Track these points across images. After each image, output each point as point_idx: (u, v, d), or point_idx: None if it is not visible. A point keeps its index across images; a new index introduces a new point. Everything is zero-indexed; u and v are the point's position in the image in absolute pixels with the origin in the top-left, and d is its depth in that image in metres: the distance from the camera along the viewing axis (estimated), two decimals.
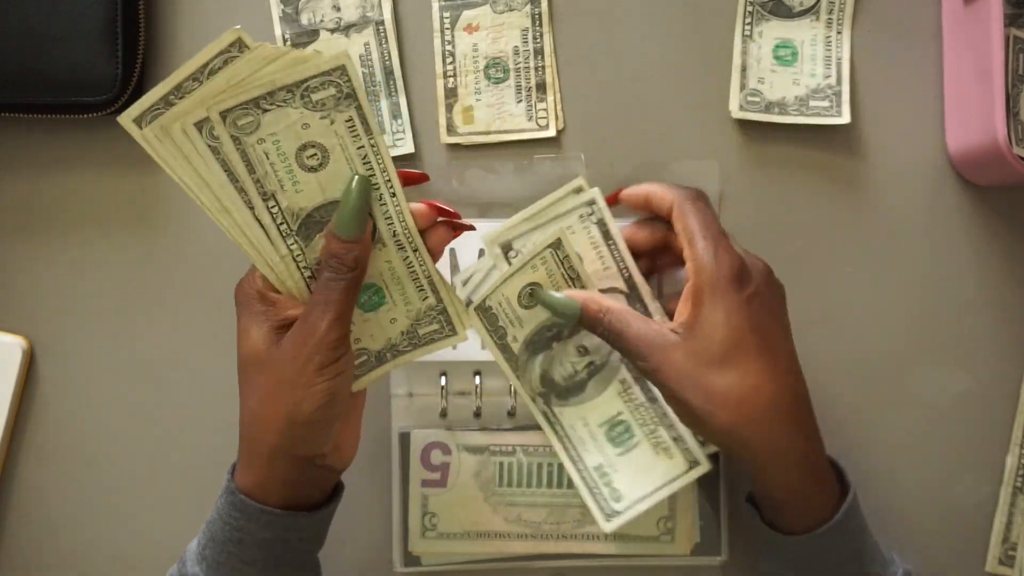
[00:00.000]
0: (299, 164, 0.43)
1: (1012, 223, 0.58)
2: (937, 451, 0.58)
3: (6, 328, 0.59)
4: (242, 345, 0.45)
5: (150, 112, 0.41)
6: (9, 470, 0.60)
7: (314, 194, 0.44)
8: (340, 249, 0.44)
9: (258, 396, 0.45)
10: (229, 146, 0.42)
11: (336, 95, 0.42)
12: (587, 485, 0.54)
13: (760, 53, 0.58)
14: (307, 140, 0.42)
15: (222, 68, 0.40)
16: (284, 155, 0.42)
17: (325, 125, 0.42)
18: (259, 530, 0.45)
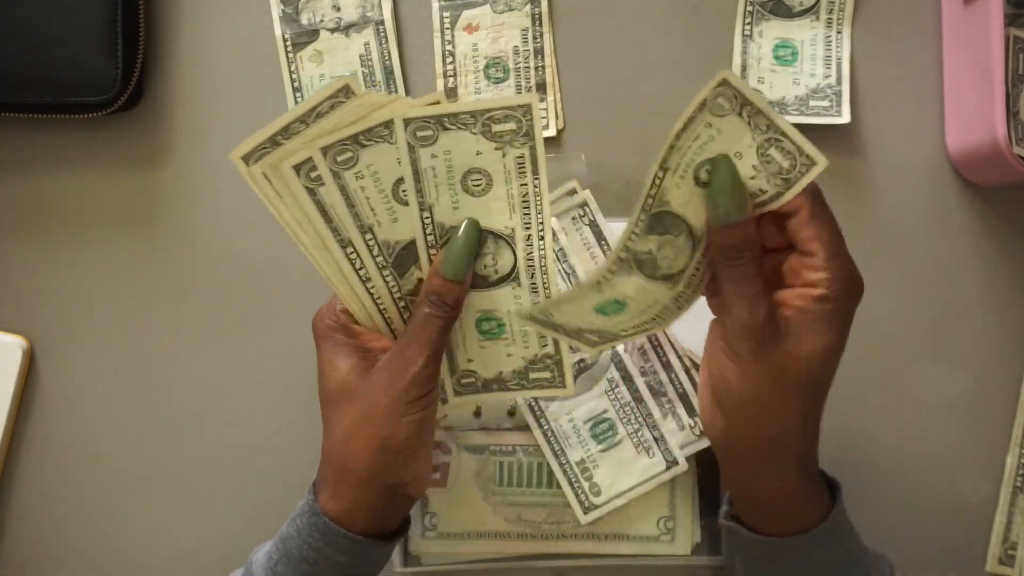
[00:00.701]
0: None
1: (1012, 223, 0.58)
2: (937, 451, 0.58)
3: (6, 328, 0.59)
4: (328, 376, 0.47)
5: (258, 151, 0.42)
6: (9, 470, 0.59)
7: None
8: (442, 288, 0.45)
9: (349, 425, 0.46)
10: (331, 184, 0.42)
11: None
12: (568, 479, 0.56)
13: (760, 53, 0.58)
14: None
15: (329, 112, 0.41)
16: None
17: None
18: (336, 554, 0.47)
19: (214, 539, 0.59)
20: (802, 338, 0.42)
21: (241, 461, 0.59)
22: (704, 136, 0.40)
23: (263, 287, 0.59)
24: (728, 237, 0.41)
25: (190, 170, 0.60)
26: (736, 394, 0.43)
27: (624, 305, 0.46)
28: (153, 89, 0.60)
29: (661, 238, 0.43)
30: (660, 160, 0.41)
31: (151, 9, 0.59)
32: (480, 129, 0.42)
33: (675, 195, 0.42)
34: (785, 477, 0.45)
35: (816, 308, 0.42)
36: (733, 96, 0.39)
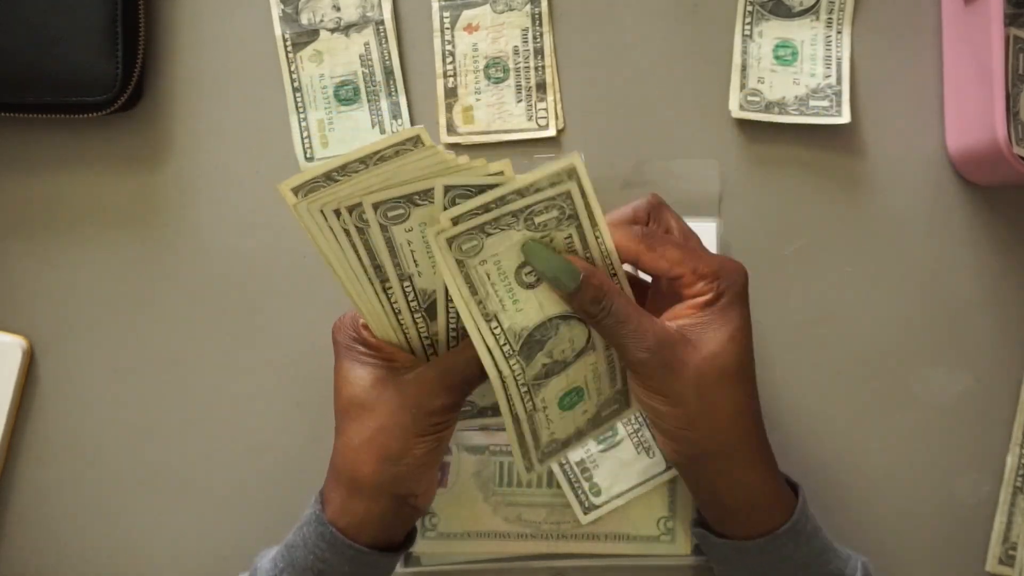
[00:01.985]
0: (518, 282, 0.43)
1: (1012, 223, 0.58)
2: (937, 451, 0.58)
3: (6, 328, 0.59)
4: (346, 385, 0.46)
5: (309, 184, 0.41)
6: (9, 470, 0.59)
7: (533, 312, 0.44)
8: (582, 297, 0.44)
9: (365, 435, 0.46)
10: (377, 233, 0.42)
11: (559, 217, 0.42)
12: (568, 479, 0.56)
13: (760, 53, 0.58)
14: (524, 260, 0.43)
15: (392, 159, 0.40)
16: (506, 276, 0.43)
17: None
18: (342, 564, 0.47)
19: (214, 539, 0.59)
20: (704, 339, 0.44)
21: (241, 461, 0.59)
22: (490, 270, 0.42)
23: (263, 287, 0.59)
24: (582, 300, 0.44)
25: (190, 170, 0.60)
26: (672, 419, 0.45)
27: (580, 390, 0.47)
28: (153, 89, 0.60)
29: (545, 348, 0.45)
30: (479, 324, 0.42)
31: (151, 9, 0.59)
32: (523, 226, 0.42)
33: (521, 317, 0.43)
34: (747, 477, 0.46)
35: (710, 311, 0.44)
36: (467, 234, 0.40)
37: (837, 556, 0.48)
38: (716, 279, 0.44)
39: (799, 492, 0.48)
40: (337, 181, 0.41)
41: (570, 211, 0.42)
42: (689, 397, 0.44)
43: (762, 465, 0.46)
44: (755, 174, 0.59)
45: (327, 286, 0.59)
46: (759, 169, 0.59)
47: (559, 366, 0.45)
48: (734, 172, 0.59)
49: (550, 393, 0.46)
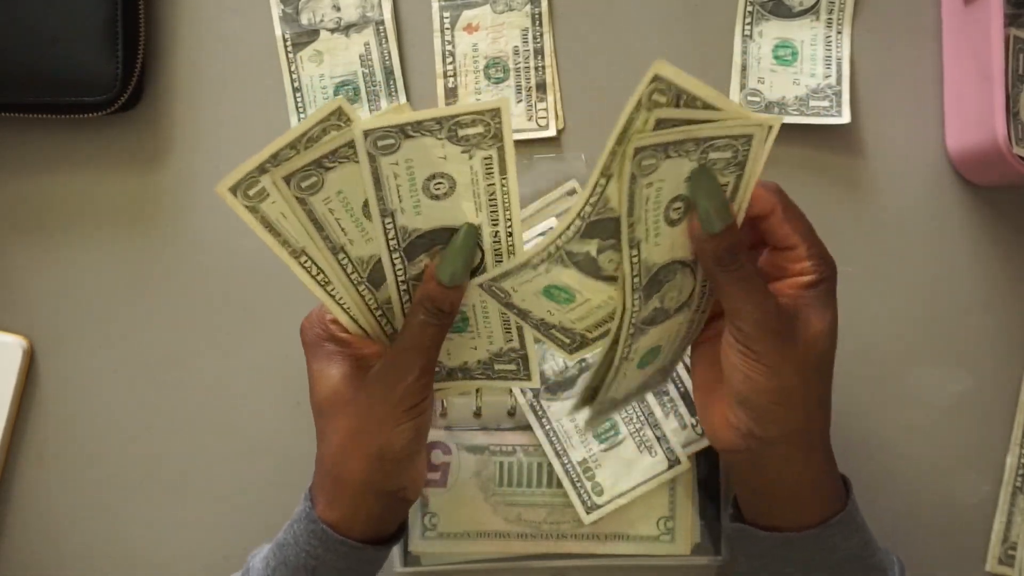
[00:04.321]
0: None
1: (1012, 223, 0.58)
2: (937, 451, 0.58)
3: (6, 328, 0.59)
4: (320, 385, 0.46)
5: (245, 180, 0.40)
6: (9, 470, 0.59)
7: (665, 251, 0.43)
8: (439, 294, 0.44)
9: (344, 434, 0.45)
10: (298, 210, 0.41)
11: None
12: (570, 478, 0.56)
13: (760, 53, 0.58)
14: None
15: (321, 137, 0.40)
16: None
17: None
18: (335, 560, 0.47)
19: (214, 539, 0.59)
20: (811, 321, 0.43)
21: (241, 461, 0.59)
22: (652, 195, 0.40)
23: (263, 287, 0.59)
24: (721, 244, 0.42)
25: (190, 170, 0.60)
26: (766, 391, 0.43)
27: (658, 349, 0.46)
28: (153, 89, 0.60)
29: (661, 291, 0.44)
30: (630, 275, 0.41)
31: (151, 9, 0.59)
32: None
33: (656, 253, 0.42)
34: (812, 466, 0.46)
35: (810, 294, 0.44)
36: (652, 151, 0.39)
37: (879, 550, 0.48)
38: (824, 264, 0.44)
39: (849, 483, 0.48)
40: (269, 171, 0.40)
41: (743, 157, 0.41)
42: (790, 372, 0.43)
43: (827, 453, 0.47)
44: None
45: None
46: None
47: (662, 315, 0.44)
48: None
49: (642, 345, 0.45)
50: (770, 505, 0.47)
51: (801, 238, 0.44)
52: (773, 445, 0.45)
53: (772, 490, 0.47)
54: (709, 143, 0.40)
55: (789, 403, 0.44)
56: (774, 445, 0.45)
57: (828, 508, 0.46)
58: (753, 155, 0.41)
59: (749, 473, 0.47)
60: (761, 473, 0.46)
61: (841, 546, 0.46)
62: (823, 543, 0.46)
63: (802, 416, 0.44)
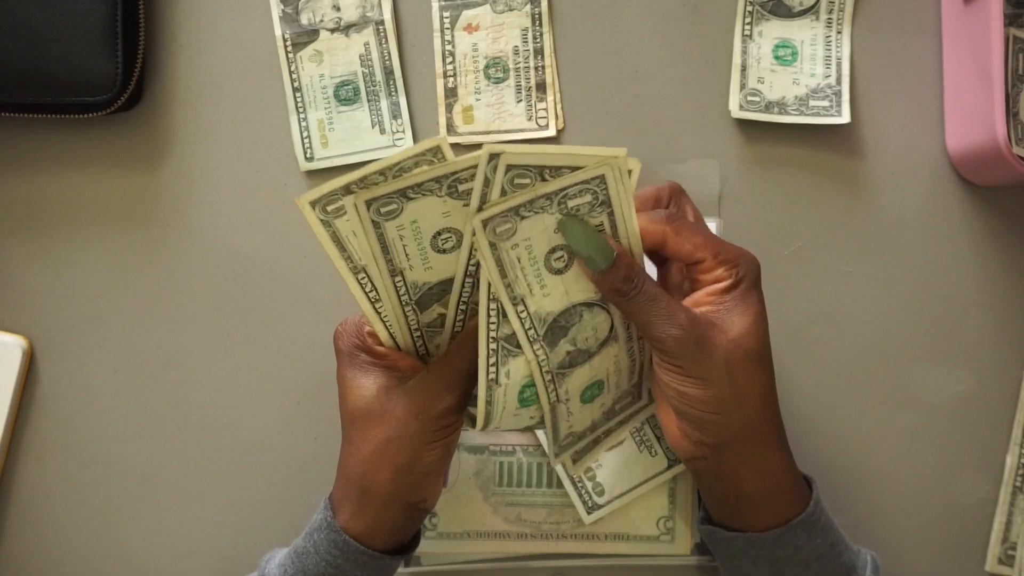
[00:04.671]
0: (547, 267, 0.43)
1: (1012, 223, 0.58)
2: (937, 451, 0.58)
3: (6, 328, 0.59)
4: (353, 394, 0.46)
5: (327, 197, 0.41)
6: (9, 470, 0.60)
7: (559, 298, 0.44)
8: (609, 279, 0.44)
9: (375, 445, 0.46)
10: (487, 250, 0.42)
11: (592, 202, 0.42)
12: (571, 479, 0.56)
13: (760, 53, 0.58)
14: (555, 244, 0.43)
15: (411, 168, 0.40)
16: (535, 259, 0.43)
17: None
18: (354, 569, 0.47)
19: (214, 539, 0.59)
20: (729, 323, 0.44)
21: (241, 460, 0.59)
22: (522, 254, 0.42)
23: (262, 287, 0.59)
24: (613, 279, 0.44)
25: (190, 170, 0.60)
26: (699, 401, 0.45)
27: (601, 383, 0.47)
28: (153, 89, 0.60)
29: (569, 335, 0.45)
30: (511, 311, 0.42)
31: (151, 9, 0.59)
32: (556, 208, 0.42)
33: (548, 302, 0.43)
34: (771, 463, 0.46)
35: (728, 297, 0.45)
36: (502, 217, 0.40)
37: (848, 549, 0.49)
38: (735, 266, 0.45)
39: (813, 483, 0.48)
40: (411, 199, 0.41)
41: (604, 197, 0.42)
42: (720, 378, 0.44)
43: (783, 451, 0.47)
44: (755, 174, 0.59)
45: (326, 285, 0.59)
46: (759, 169, 0.59)
47: (583, 356, 0.46)
48: (734, 172, 0.59)
49: (573, 385, 0.46)
50: (734, 508, 0.48)
51: (705, 251, 0.45)
52: (725, 449, 0.46)
53: (733, 493, 0.47)
54: (562, 194, 0.41)
55: (726, 408, 0.44)
56: (726, 448, 0.46)
57: (792, 508, 0.47)
58: (616, 190, 0.42)
59: (710, 478, 0.48)
60: (720, 477, 0.47)
61: (806, 546, 0.47)
62: (786, 543, 0.47)
63: (744, 416, 0.45)
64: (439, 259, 0.43)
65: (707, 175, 0.58)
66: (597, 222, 0.43)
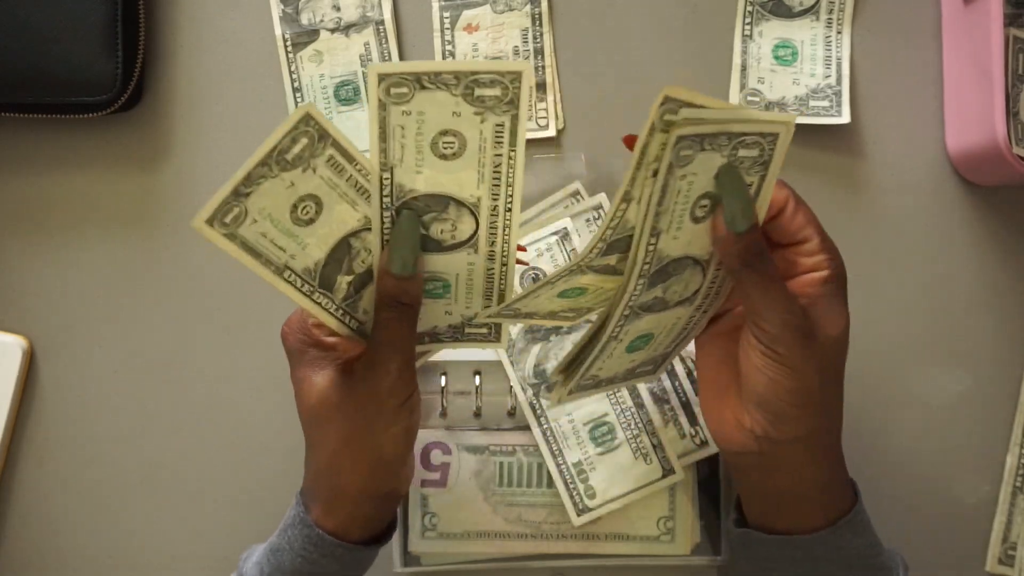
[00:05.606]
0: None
1: (1012, 223, 0.58)
2: (937, 451, 0.58)
3: (6, 328, 0.59)
4: (306, 393, 0.45)
5: (222, 208, 0.39)
6: (9, 470, 0.59)
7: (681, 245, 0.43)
8: (395, 288, 0.43)
9: (336, 442, 0.45)
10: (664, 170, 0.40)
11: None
12: (564, 479, 0.56)
13: (760, 53, 0.58)
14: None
15: (291, 148, 0.39)
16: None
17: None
18: (331, 563, 0.47)
19: (214, 539, 0.59)
20: (829, 321, 0.44)
21: (241, 461, 0.59)
22: (684, 187, 0.40)
23: (262, 287, 0.59)
24: (747, 244, 0.42)
25: (190, 170, 0.60)
26: (787, 392, 0.43)
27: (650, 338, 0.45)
28: (153, 89, 0.60)
29: (667, 282, 0.43)
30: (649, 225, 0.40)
31: (151, 9, 0.59)
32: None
33: (672, 245, 0.42)
34: (823, 468, 0.46)
35: (826, 290, 0.44)
36: (691, 141, 0.38)
37: (884, 550, 0.48)
38: (835, 258, 0.44)
39: (855, 484, 0.48)
40: (247, 194, 0.39)
41: (768, 156, 0.41)
42: (812, 372, 0.43)
43: (839, 453, 0.47)
44: None
45: None
46: None
47: (660, 304, 0.44)
48: None
49: (633, 329, 0.45)
50: (778, 508, 0.47)
51: (814, 230, 0.44)
52: (788, 447, 0.44)
53: (781, 493, 0.46)
54: (740, 139, 0.39)
55: (808, 404, 0.43)
56: (789, 447, 0.44)
57: (836, 509, 0.46)
58: (777, 154, 0.41)
59: (758, 476, 0.46)
60: (771, 476, 0.46)
61: (848, 546, 0.46)
62: (831, 544, 0.46)
63: (819, 417, 0.44)
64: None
65: None
66: (749, 181, 0.41)
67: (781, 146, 0.41)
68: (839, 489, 0.46)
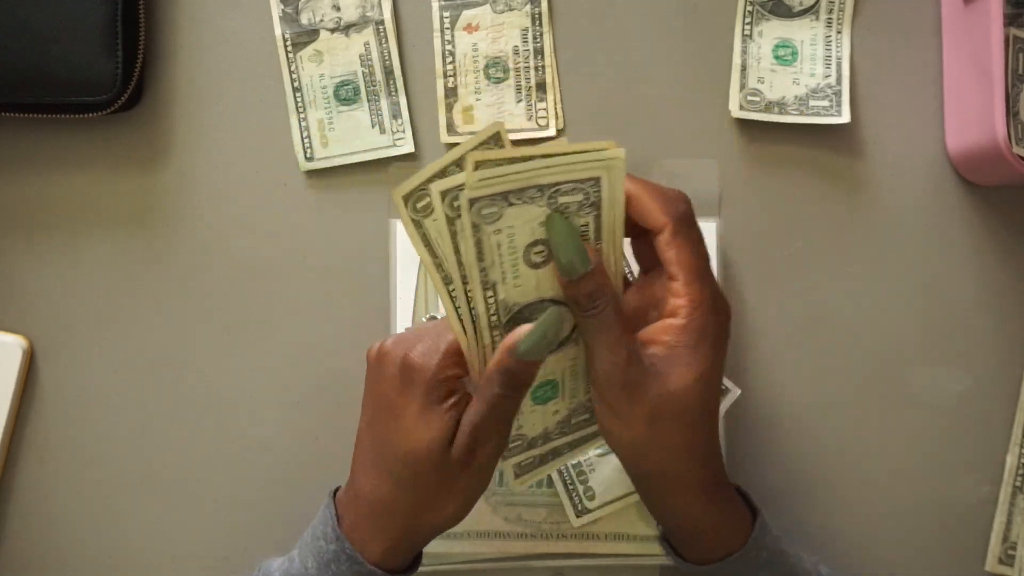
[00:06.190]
0: (525, 260, 0.41)
1: (1012, 223, 0.58)
2: (937, 451, 0.58)
3: (6, 328, 0.59)
4: (417, 434, 0.43)
5: (417, 191, 0.40)
6: (9, 470, 0.59)
7: (529, 291, 0.43)
8: (517, 368, 0.42)
9: (429, 495, 0.45)
10: (468, 230, 0.40)
11: (582, 202, 0.40)
12: (563, 480, 0.56)
13: (760, 53, 0.58)
14: (540, 237, 0.41)
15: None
16: (515, 249, 0.41)
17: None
18: None
19: (214, 539, 0.59)
20: (671, 374, 0.42)
21: (241, 461, 0.59)
22: (503, 240, 0.40)
23: (262, 287, 0.59)
24: (580, 289, 0.41)
25: (190, 170, 0.60)
26: (619, 441, 0.44)
27: (555, 384, 0.45)
28: (153, 89, 0.60)
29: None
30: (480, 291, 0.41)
31: (151, 9, 0.59)
32: (546, 202, 0.40)
33: (516, 293, 0.42)
34: (689, 507, 0.45)
35: (681, 340, 0.42)
36: (490, 200, 0.38)
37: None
38: (699, 308, 0.42)
39: (756, 521, 0.47)
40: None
41: (595, 199, 0.41)
42: (639, 424, 0.42)
43: (705, 497, 0.45)
44: (755, 174, 0.59)
45: (326, 285, 0.59)
46: (759, 169, 0.59)
47: None
48: (734, 172, 0.59)
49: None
50: (670, 533, 0.48)
51: (681, 268, 0.42)
52: (645, 483, 0.45)
53: (664, 521, 0.47)
54: (554, 188, 0.39)
55: (644, 452, 0.44)
56: (645, 484, 0.45)
57: (725, 547, 0.46)
58: (608, 194, 0.40)
59: (647, 501, 0.48)
60: (648, 501, 0.47)
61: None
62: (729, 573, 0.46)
63: (665, 463, 0.44)
64: (530, 275, 0.42)
65: (707, 175, 0.58)
66: (583, 223, 0.41)
67: (609, 186, 0.40)
68: (725, 526, 0.46)
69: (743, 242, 0.58)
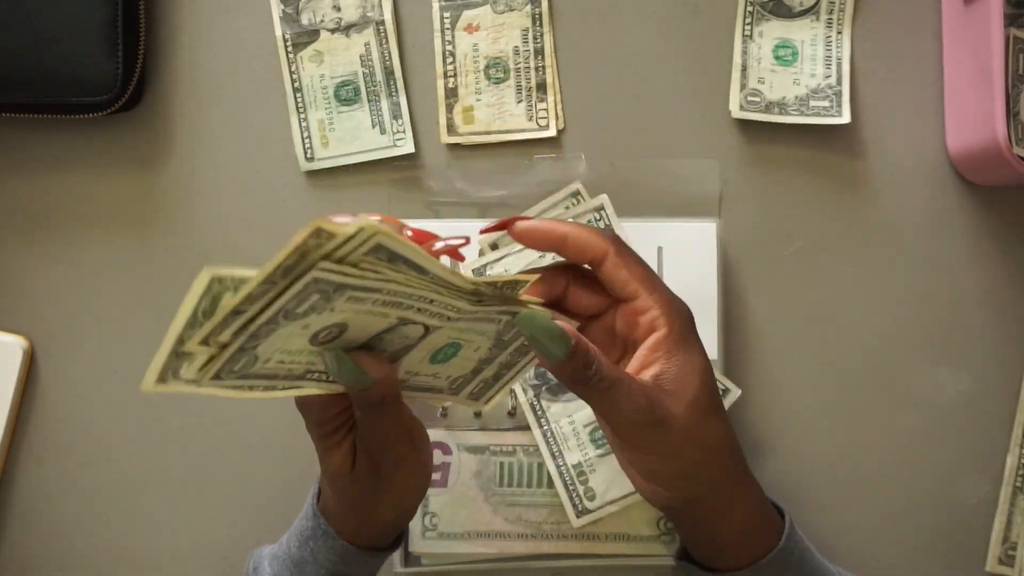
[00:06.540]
0: (313, 344, 0.38)
1: (1012, 223, 0.58)
2: (937, 451, 0.58)
3: (6, 328, 0.59)
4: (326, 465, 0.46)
5: (168, 368, 0.36)
6: (9, 470, 0.59)
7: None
8: (356, 395, 0.40)
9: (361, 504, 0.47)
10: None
11: (321, 299, 0.35)
12: (563, 480, 0.56)
13: (760, 53, 0.58)
14: (318, 327, 0.37)
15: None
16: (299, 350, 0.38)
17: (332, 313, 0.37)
18: (356, 570, 0.48)
19: (214, 539, 0.59)
20: (681, 386, 0.42)
21: (241, 461, 0.59)
22: (283, 358, 0.37)
23: None
24: (573, 368, 0.40)
25: (190, 170, 0.60)
26: (669, 472, 0.44)
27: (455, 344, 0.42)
28: (153, 89, 0.60)
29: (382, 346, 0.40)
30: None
31: (151, 9, 0.59)
32: (289, 322, 0.36)
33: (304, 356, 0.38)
34: (741, 509, 0.46)
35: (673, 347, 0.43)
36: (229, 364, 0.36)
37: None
38: (668, 309, 0.43)
39: (786, 518, 0.48)
40: (186, 353, 0.36)
41: (336, 286, 0.35)
42: (684, 448, 0.43)
43: (750, 495, 0.46)
44: (755, 174, 0.59)
45: None
46: (759, 169, 0.59)
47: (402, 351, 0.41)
48: (734, 172, 0.59)
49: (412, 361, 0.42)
50: (710, 552, 0.48)
51: (639, 283, 0.43)
52: (693, 507, 0.45)
53: (710, 540, 0.47)
54: (282, 312, 0.36)
55: (693, 475, 0.44)
56: (694, 507, 0.45)
57: (764, 547, 0.46)
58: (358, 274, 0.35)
59: (686, 527, 0.48)
60: (695, 525, 0.47)
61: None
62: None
63: (711, 473, 0.44)
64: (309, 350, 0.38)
65: (707, 175, 0.58)
66: (382, 312, 0.37)
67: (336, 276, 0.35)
68: (763, 526, 0.47)
69: (743, 242, 0.58)
